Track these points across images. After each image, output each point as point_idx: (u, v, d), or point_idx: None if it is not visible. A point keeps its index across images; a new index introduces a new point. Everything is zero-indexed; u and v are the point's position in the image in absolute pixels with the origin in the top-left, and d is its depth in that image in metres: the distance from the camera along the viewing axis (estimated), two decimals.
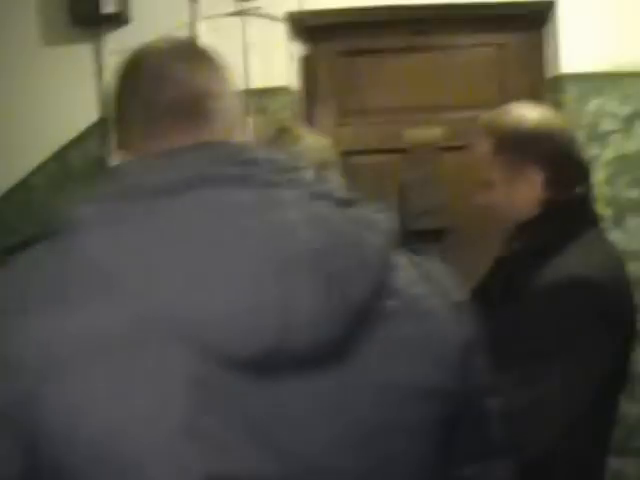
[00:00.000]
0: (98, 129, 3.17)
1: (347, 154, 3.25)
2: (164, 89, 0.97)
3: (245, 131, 1.04)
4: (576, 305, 1.49)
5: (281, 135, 2.40)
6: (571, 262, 1.55)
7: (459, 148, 3.10)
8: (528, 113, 1.68)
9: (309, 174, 0.94)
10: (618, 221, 3.07)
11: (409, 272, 0.95)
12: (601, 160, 3.06)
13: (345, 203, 0.91)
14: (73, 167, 3.18)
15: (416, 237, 3.35)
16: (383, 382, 0.87)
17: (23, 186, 3.19)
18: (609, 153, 3.07)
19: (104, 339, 0.78)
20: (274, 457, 0.80)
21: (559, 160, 1.64)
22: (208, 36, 3.09)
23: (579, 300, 1.49)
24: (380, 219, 0.93)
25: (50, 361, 0.78)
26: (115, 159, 1.02)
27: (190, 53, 1.02)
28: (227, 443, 0.79)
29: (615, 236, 3.00)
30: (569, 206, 1.64)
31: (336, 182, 2.47)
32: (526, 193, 1.64)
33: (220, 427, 0.78)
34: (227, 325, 0.79)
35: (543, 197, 1.63)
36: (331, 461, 0.83)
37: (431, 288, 0.96)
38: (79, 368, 0.78)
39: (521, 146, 1.63)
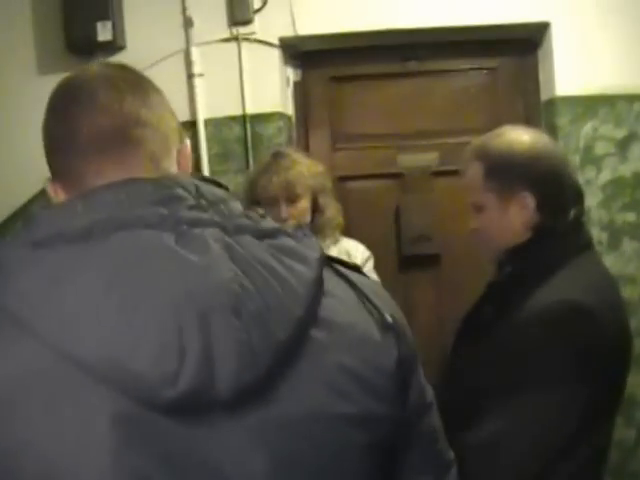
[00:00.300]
0: None
1: (341, 179, 3.27)
2: (86, 119, 0.95)
3: (179, 155, 1.02)
4: (566, 332, 1.47)
5: (276, 161, 2.40)
6: (563, 287, 1.53)
7: (453, 173, 3.10)
8: (519, 137, 1.67)
9: (236, 206, 0.92)
10: (614, 245, 3.06)
11: (340, 296, 0.94)
12: (596, 183, 3.06)
13: (267, 234, 0.90)
14: None
15: (411, 262, 3.35)
16: (310, 413, 0.86)
17: (22, 214, 3.19)
18: (604, 176, 3.07)
19: (25, 389, 0.79)
20: None
21: (551, 184, 1.63)
22: (202, 62, 3.11)
23: (569, 327, 1.47)
24: (307, 247, 0.91)
25: None
26: (48, 190, 1.01)
27: (115, 78, 0.99)
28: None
29: (611, 260, 3.00)
30: (562, 230, 1.63)
31: (333, 208, 2.47)
32: (518, 217, 1.63)
33: (145, 465, 0.78)
34: (146, 375, 0.78)
35: (535, 221, 1.62)
36: None
37: (364, 313, 0.95)
38: (7, 417, 0.79)
39: (512, 170, 1.62)
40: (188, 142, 1.06)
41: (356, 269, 1.02)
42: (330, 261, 0.98)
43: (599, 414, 1.53)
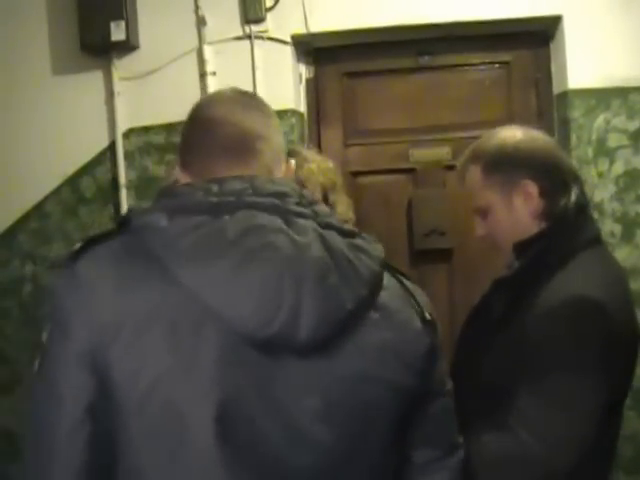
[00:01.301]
0: (109, 154, 3.21)
1: (355, 174, 3.29)
2: (221, 129, 1.21)
3: (285, 169, 1.27)
4: (580, 327, 1.48)
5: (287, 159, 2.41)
6: (574, 282, 1.53)
7: None
8: (510, 133, 1.67)
9: (323, 207, 1.18)
10: (627, 237, 3.05)
11: (394, 291, 1.20)
12: (609, 176, 3.05)
13: (348, 234, 1.16)
14: (85, 192, 3.22)
15: (424, 256, 3.33)
16: (357, 373, 1.11)
17: (37, 212, 3.23)
18: (617, 168, 3.06)
19: (157, 313, 1.07)
20: (270, 411, 1.07)
21: (549, 167, 1.63)
22: (215, 60, 3.14)
23: (583, 322, 1.48)
24: (375, 248, 1.18)
25: (120, 324, 1.06)
26: (176, 175, 1.28)
27: (246, 102, 1.27)
28: (242, 396, 1.06)
29: (624, 252, 3.00)
30: (568, 220, 1.62)
31: (344, 204, 2.48)
32: (524, 208, 1.63)
33: (235, 384, 1.06)
34: (251, 317, 1.05)
35: (541, 208, 1.62)
36: (311, 431, 1.08)
37: (409, 305, 1.20)
38: (139, 332, 1.06)
39: (509, 161, 1.63)
40: (293, 161, 1.34)
41: (403, 274, 1.26)
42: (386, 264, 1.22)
43: (612, 407, 1.54)
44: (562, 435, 1.47)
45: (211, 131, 1.22)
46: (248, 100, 1.29)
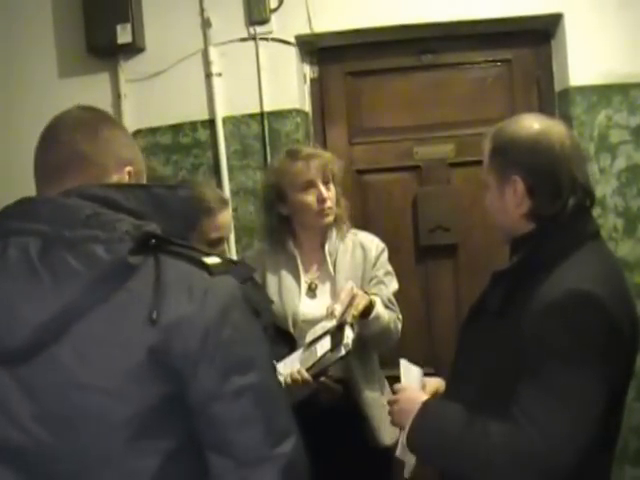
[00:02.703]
0: None
1: (360, 172, 3.32)
2: (47, 151, 1.30)
3: (120, 179, 1.30)
4: (578, 321, 1.49)
5: (296, 154, 2.44)
6: (571, 277, 1.54)
7: (469, 164, 3.14)
8: (531, 124, 1.67)
9: (78, 213, 1.17)
10: (630, 231, 3.08)
11: (134, 293, 1.15)
12: (611, 171, 3.09)
13: (80, 241, 1.15)
14: None
15: (429, 252, 3.33)
16: (67, 380, 1.12)
17: None
18: (619, 164, 3.09)
19: None
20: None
21: (544, 173, 1.62)
22: (221, 61, 3.17)
23: (580, 316, 1.49)
24: (110, 252, 1.14)
25: None
26: None
27: (79, 122, 1.32)
28: None
29: (627, 246, 3.03)
30: (564, 220, 1.64)
31: (345, 199, 2.50)
32: (511, 201, 1.64)
33: None
34: None
35: (529, 207, 1.63)
36: (34, 431, 1.12)
37: (142, 306, 1.14)
38: None
39: (509, 154, 1.64)
40: (128, 168, 1.32)
41: (203, 265, 1.20)
42: (181, 254, 1.19)
43: (613, 401, 1.55)
44: (564, 430, 1.47)
45: (38, 155, 1.31)
46: (79, 119, 1.34)
